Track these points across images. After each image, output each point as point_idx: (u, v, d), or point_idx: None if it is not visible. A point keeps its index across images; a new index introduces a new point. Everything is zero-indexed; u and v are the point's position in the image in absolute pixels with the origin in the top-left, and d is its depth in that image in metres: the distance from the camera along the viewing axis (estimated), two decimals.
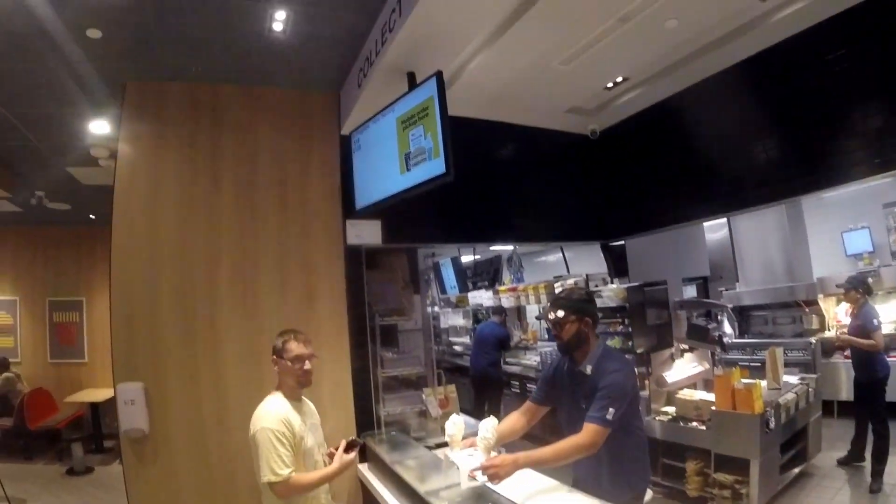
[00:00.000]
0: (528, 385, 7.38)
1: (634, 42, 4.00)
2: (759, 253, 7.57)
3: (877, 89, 3.62)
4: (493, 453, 2.68)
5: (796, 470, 5.21)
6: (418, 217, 4.63)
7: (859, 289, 5.50)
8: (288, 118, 4.43)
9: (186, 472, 3.80)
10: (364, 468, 4.02)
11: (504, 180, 5.30)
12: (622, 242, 5.95)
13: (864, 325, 5.34)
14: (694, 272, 6.23)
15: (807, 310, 7.03)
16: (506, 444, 2.95)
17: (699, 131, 4.90)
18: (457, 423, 2.94)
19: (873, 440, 5.12)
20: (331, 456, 2.75)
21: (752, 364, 7.11)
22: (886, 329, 6.29)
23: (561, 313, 2.77)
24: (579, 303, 2.83)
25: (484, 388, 7.75)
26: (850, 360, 5.78)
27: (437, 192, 3.47)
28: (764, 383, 5.14)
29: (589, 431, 2.52)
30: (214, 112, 4.22)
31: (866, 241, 7.26)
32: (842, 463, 5.51)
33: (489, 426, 2.75)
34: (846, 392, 6.42)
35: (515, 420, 3.02)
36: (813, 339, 6.47)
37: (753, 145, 4.44)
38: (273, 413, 2.58)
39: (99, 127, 4.66)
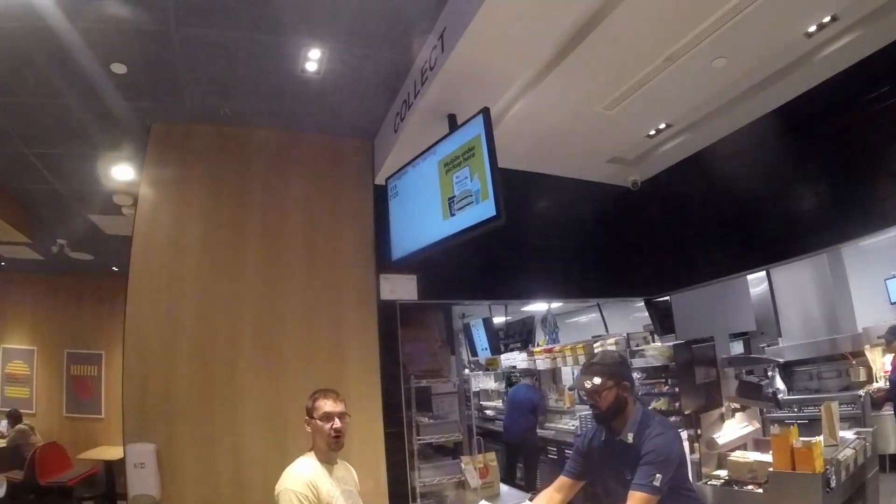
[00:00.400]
0: (566, 451, 6.82)
1: (681, 83, 3.78)
2: (801, 306, 7.10)
3: None
4: None
5: None
6: (455, 273, 4.33)
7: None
8: (319, 165, 4.19)
9: None
10: None
11: (543, 235, 4.98)
12: (666, 298, 5.56)
13: None
14: (740, 327, 5.78)
15: (853, 362, 6.50)
16: None
17: (739, 180, 4.64)
18: None
19: None
20: None
21: (799, 421, 6.59)
22: None
23: (597, 381, 2.47)
24: (615, 366, 2.55)
25: (518, 453, 7.24)
26: None
27: (473, 248, 3.46)
28: (820, 440, 4.66)
29: (636, 500, 2.26)
30: (242, 156, 3.99)
31: None
32: None
33: None
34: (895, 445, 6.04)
35: (549, 499, 2.71)
36: (861, 392, 5.95)
37: (795, 192, 4.23)
38: (299, 475, 2.39)
39: (122, 172, 4.45)
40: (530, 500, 4.26)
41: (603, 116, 4.06)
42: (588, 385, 2.49)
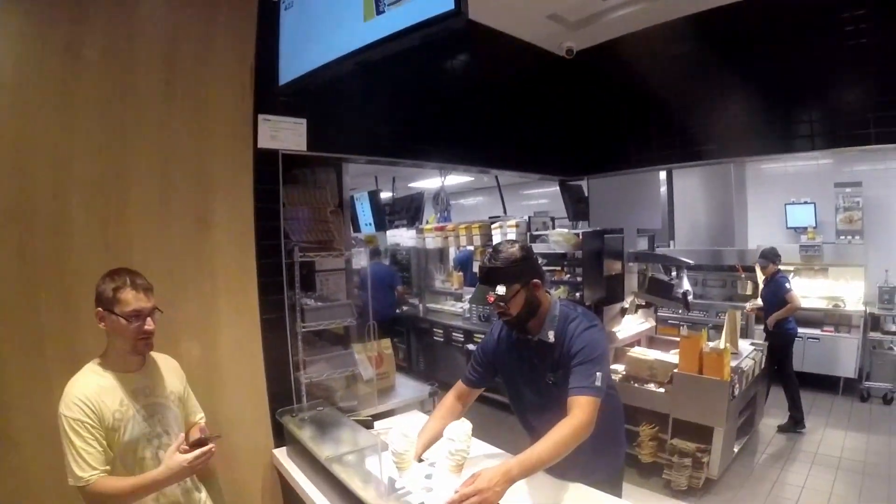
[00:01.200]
0: (452, 333, 6.34)
1: None
2: (697, 213, 7.07)
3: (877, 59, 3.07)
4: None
5: (746, 437, 4.65)
6: (353, 123, 3.25)
7: (774, 261, 5.45)
8: None
9: (46, 480, 2.12)
10: (282, 454, 2.75)
11: (457, 93, 3.93)
12: (580, 183, 4.91)
13: (776, 291, 5.33)
14: (648, 224, 5.36)
15: (743, 275, 6.57)
16: None
17: (681, 71, 4.02)
18: (408, 436, 1.93)
19: (788, 396, 5.14)
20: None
21: (683, 322, 6.60)
22: (821, 304, 6.38)
23: (502, 290, 1.96)
24: (519, 265, 2.00)
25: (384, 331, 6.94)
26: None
27: (377, 94, 2.86)
28: (728, 346, 4.42)
29: (583, 406, 1.84)
30: None
31: (809, 215, 6.79)
32: (783, 430, 5.12)
33: (462, 431, 1.84)
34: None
35: (451, 408, 2.26)
36: (748, 305, 5.95)
37: (733, 96, 3.77)
38: (72, 393, 1.74)
39: None
40: (431, 394, 3.63)
41: None
42: (492, 298, 1.98)
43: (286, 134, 2.96)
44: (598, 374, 1.91)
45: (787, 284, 5.36)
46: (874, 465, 4.21)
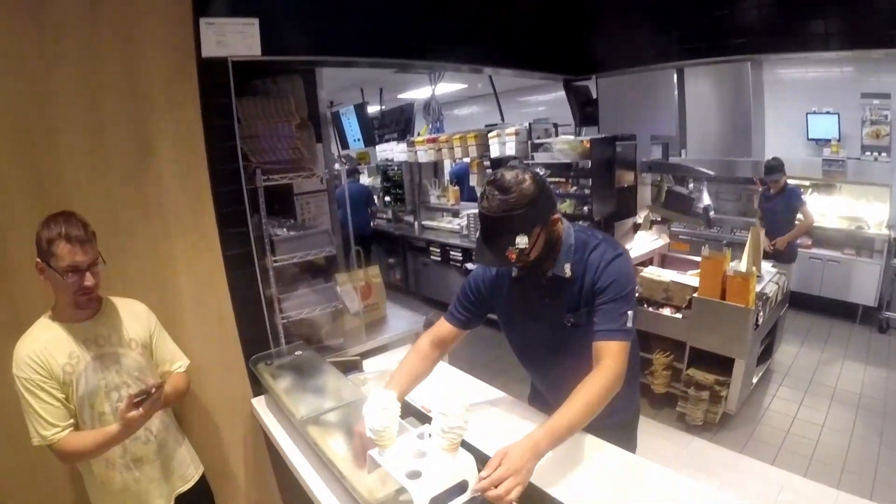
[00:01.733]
0: (450, 252, 6.07)
1: None
2: (710, 121, 6.36)
3: None
4: None
5: (764, 366, 4.37)
6: (316, 19, 2.77)
7: (784, 171, 5.08)
8: None
9: (5, 446, 1.99)
10: (260, 404, 2.50)
11: None
12: (586, 84, 4.42)
13: (791, 202, 4.94)
14: (662, 130, 4.82)
15: (760, 188, 6.01)
16: None
17: None
18: (388, 409, 1.46)
19: None
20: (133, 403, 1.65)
21: (693, 239, 6.27)
22: (842, 224, 5.94)
23: (523, 240, 1.54)
24: (536, 201, 1.56)
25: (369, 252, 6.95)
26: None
27: None
28: (753, 270, 4.07)
29: (614, 354, 1.59)
30: None
31: (833, 127, 6.05)
32: None
33: (459, 407, 1.38)
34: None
35: (424, 358, 1.90)
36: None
37: None
38: (20, 351, 1.67)
39: None
40: (426, 325, 3.37)
41: None
42: (514, 254, 1.55)
43: (235, 38, 2.48)
44: (628, 312, 1.64)
45: (803, 196, 4.96)
46: (895, 405, 3.97)
